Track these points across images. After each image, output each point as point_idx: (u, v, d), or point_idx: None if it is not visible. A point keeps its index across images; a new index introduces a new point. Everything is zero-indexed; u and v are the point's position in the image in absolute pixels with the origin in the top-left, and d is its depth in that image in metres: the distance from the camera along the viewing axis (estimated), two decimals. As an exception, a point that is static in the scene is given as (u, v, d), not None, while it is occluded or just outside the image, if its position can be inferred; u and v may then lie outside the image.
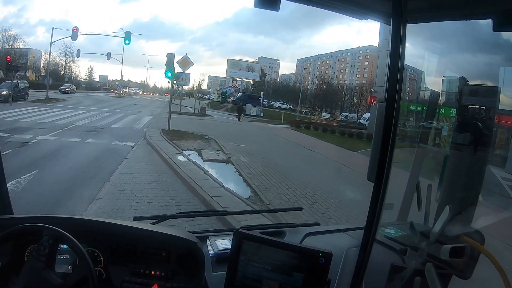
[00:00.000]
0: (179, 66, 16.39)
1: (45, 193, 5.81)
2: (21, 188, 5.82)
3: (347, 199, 7.36)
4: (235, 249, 1.28)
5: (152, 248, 1.45)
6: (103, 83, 62.97)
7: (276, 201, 6.53)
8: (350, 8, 1.46)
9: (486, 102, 1.72)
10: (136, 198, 6.00)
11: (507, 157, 2.80)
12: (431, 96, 2.02)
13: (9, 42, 48.74)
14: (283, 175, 8.68)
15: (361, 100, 58.90)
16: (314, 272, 1.23)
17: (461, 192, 1.64)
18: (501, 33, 1.41)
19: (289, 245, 1.28)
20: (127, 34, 25.50)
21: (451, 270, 1.41)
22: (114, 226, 1.49)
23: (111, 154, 9.42)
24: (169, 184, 7.06)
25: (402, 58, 1.04)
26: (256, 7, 1.28)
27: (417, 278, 1.38)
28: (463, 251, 1.32)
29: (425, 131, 2.05)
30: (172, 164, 8.48)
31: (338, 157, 13.47)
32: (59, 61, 55.42)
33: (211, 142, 12.89)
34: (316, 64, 76.54)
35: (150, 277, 1.43)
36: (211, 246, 1.70)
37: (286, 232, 1.90)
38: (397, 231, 1.80)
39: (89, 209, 5.24)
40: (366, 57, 65.26)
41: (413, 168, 1.88)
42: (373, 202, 1.11)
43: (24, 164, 7.19)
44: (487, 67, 1.91)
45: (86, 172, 7.41)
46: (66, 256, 1.42)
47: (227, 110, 35.42)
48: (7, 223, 1.39)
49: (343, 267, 1.55)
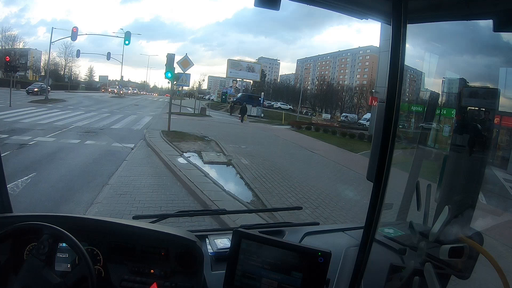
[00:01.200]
0: (179, 67, 16.39)
1: (43, 197, 5.79)
2: (18, 191, 5.80)
3: (352, 204, 7.30)
4: (234, 248, 1.28)
5: (151, 247, 1.45)
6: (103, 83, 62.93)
7: (278, 205, 6.49)
8: (351, 8, 1.47)
9: (486, 103, 1.72)
10: (136, 202, 5.98)
11: (508, 159, 2.80)
12: (431, 97, 2.02)
13: (9, 42, 48.75)
14: (285, 178, 8.66)
15: (361, 100, 58.95)
16: (313, 272, 1.23)
17: (460, 193, 1.64)
18: (501, 34, 1.42)
19: (288, 244, 1.28)
20: (126, 34, 25.49)
21: (450, 270, 1.41)
22: (113, 225, 1.49)
23: (110, 156, 9.41)
24: (169, 187, 7.04)
25: (402, 58, 1.04)
26: (256, 6, 1.28)
27: (416, 278, 1.38)
28: (462, 251, 1.32)
29: (425, 132, 2.05)
30: (172, 167, 8.45)
31: (340, 159, 13.41)
32: (59, 61, 55.38)
33: (212, 143, 12.87)
34: (316, 64, 76.61)
35: (149, 275, 1.43)
36: (210, 245, 1.70)
37: (285, 232, 1.90)
38: (396, 231, 1.80)
39: (88, 214, 5.19)
40: (367, 57, 65.29)
41: (412, 168, 1.89)
42: (372, 202, 1.11)
43: (22, 167, 7.16)
44: (487, 68, 1.91)
45: (84, 175, 7.38)
46: (66, 255, 1.42)
47: (227, 111, 35.40)
48: (7, 222, 1.39)
49: (342, 267, 1.55)
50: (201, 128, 17.16)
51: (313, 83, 72.50)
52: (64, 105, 23.86)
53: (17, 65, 31.27)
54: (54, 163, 8.12)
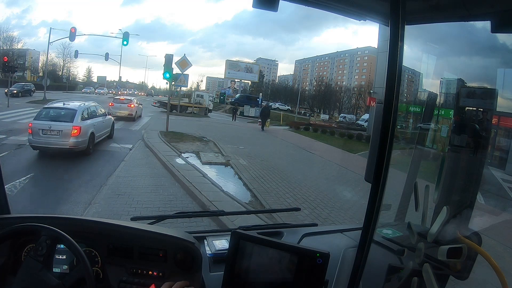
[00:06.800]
0: (178, 67, 16.34)
1: (41, 198, 5.79)
2: (16, 192, 5.80)
3: (350, 204, 7.32)
4: (233, 249, 1.28)
5: (149, 248, 1.45)
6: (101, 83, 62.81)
7: (277, 205, 6.52)
8: (349, 10, 1.47)
9: (483, 104, 1.73)
10: (134, 202, 5.99)
11: (507, 159, 2.81)
12: (429, 97, 2.03)
13: (7, 43, 48.59)
14: (283, 179, 8.67)
15: (359, 101, 59.03)
16: (312, 273, 1.22)
17: (458, 193, 1.64)
18: (499, 35, 1.42)
19: (286, 246, 1.27)
20: (125, 34, 25.40)
21: (448, 270, 1.41)
22: (111, 226, 1.48)
23: (109, 156, 9.40)
24: (167, 188, 7.04)
25: (400, 60, 1.04)
26: (254, 7, 1.28)
27: (414, 279, 1.38)
28: (461, 252, 1.33)
29: (423, 132, 2.06)
30: (170, 167, 8.45)
31: (338, 159, 13.45)
32: (57, 62, 55.25)
33: (210, 144, 12.87)
34: (314, 65, 76.69)
35: (147, 277, 1.43)
36: (208, 247, 1.70)
37: (283, 233, 1.90)
38: (394, 232, 1.80)
39: (86, 215, 5.20)
40: (365, 58, 65.38)
41: (410, 169, 1.89)
42: (370, 203, 1.11)
43: (20, 167, 7.17)
44: (484, 69, 1.91)
45: (82, 176, 7.38)
46: (64, 256, 1.42)
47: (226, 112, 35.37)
48: (5, 223, 1.39)
49: (341, 268, 1.55)
50: (199, 128, 17.16)
51: (311, 84, 72.62)
52: (62, 105, 23.72)
53: (15, 65, 31.15)
54: (52, 164, 8.10)
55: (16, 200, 5.37)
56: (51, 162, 8.22)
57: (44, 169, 7.53)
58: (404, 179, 1.89)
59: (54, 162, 8.27)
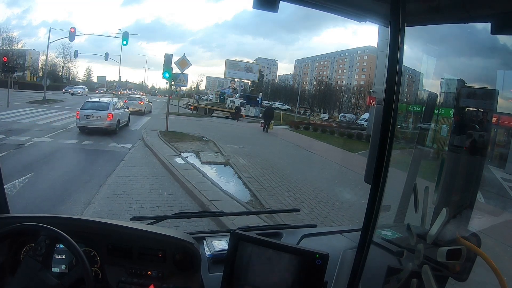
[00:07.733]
0: (177, 67, 16.33)
1: (40, 198, 5.79)
2: (15, 192, 5.80)
3: (349, 204, 7.29)
4: (232, 250, 1.28)
5: (148, 249, 1.44)
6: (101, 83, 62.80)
7: (276, 205, 6.51)
8: (349, 11, 1.47)
9: (483, 104, 1.72)
10: (133, 202, 5.98)
11: (507, 158, 2.81)
12: (429, 98, 2.02)
13: (7, 43, 48.57)
14: (283, 178, 8.66)
15: (359, 100, 59.03)
16: (311, 274, 1.23)
17: (458, 195, 1.64)
18: (499, 36, 1.42)
19: (285, 247, 1.28)
20: (124, 34, 25.39)
21: (447, 272, 1.41)
22: (111, 226, 1.48)
23: (108, 156, 9.40)
24: (166, 188, 7.03)
25: (400, 61, 1.04)
26: (255, 8, 1.28)
27: (413, 280, 1.38)
28: (460, 253, 1.33)
29: (423, 133, 2.05)
30: (169, 167, 8.44)
31: (338, 159, 13.44)
32: (57, 62, 55.27)
33: (210, 143, 12.87)
34: (314, 64, 76.68)
35: (146, 277, 1.43)
36: (207, 247, 1.70)
37: (283, 234, 1.90)
38: (394, 233, 1.80)
39: (84, 214, 5.19)
40: (365, 57, 65.37)
41: (410, 170, 1.88)
42: (370, 204, 1.10)
43: (20, 167, 7.16)
44: (485, 70, 1.91)
45: (82, 175, 7.38)
46: (63, 256, 1.42)
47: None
48: (4, 222, 1.38)
49: (340, 269, 1.55)
50: (199, 128, 17.16)
51: (311, 84, 72.65)
52: (62, 105, 23.79)
53: (14, 65, 31.14)
54: (51, 164, 8.11)
55: (16, 200, 5.36)
56: (51, 162, 8.22)
57: (43, 169, 7.52)
58: (404, 179, 1.89)
59: (54, 162, 8.27)
